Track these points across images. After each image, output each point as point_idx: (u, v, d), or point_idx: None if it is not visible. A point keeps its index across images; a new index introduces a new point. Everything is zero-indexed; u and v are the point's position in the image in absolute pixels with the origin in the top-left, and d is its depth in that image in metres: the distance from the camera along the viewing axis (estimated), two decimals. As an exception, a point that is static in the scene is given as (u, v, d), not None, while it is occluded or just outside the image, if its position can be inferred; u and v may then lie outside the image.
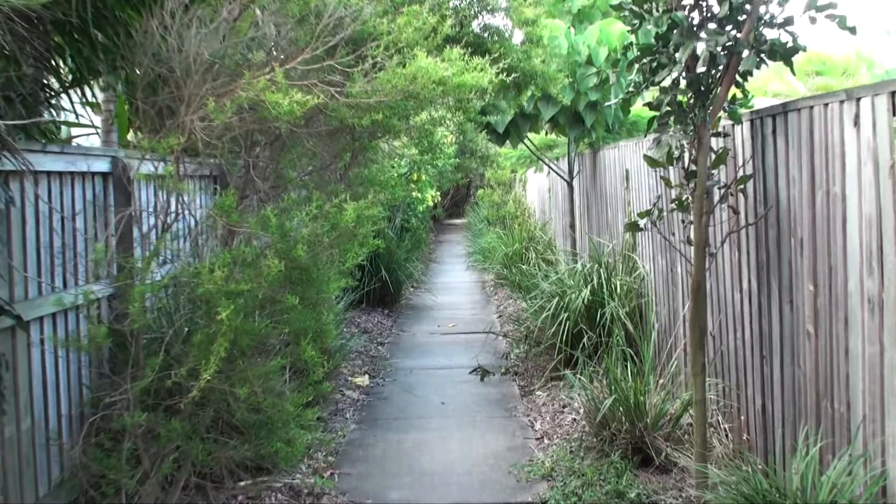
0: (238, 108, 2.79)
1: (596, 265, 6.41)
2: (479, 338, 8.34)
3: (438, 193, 18.91)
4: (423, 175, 12.30)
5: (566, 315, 6.09)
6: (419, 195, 13.03)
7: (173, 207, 3.10)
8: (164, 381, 2.78)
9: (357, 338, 8.18)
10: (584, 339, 6.00)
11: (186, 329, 2.99)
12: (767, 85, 18.78)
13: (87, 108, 4.78)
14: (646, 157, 3.76)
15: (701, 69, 3.43)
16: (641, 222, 3.74)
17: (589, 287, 6.15)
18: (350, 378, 6.89)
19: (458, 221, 24.79)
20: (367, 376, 7.00)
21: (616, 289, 6.08)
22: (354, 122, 2.98)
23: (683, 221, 3.90)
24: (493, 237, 13.52)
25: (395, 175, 9.51)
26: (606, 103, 7.12)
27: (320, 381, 3.05)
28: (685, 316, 4.96)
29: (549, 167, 8.68)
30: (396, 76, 2.95)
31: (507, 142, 8.43)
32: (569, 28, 7.79)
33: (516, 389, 6.46)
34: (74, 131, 5.58)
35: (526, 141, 8.51)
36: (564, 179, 8.84)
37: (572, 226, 8.93)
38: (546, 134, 8.58)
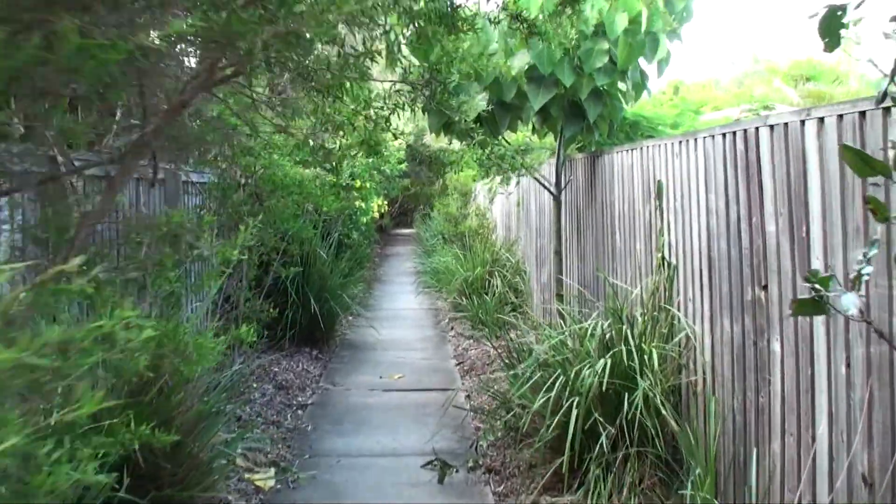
0: None
1: (616, 322, 4.34)
2: (434, 399, 6.20)
3: (385, 202, 16.77)
4: (367, 182, 10.14)
5: (576, 400, 3.99)
6: (363, 205, 10.85)
7: None
8: None
9: (266, 405, 5.94)
10: (603, 438, 3.91)
11: None
12: (752, 90, 17.20)
13: None
14: (849, 151, 1.69)
15: None
16: (846, 303, 1.63)
17: (609, 356, 4.08)
18: (247, 475, 4.66)
19: (406, 231, 22.60)
20: (272, 470, 4.77)
21: (651, 361, 4.02)
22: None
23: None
24: (448, 258, 11.38)
25: (330, 182, 7.33)
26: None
27: None
28: (800, 437, 2.89)
29: (532, 176, 6.64)
30: None
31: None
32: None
33: (492, 502, 4.33)
34: None
35: (502, 140, 6.42)
36: (549, 191, 6.79)
37: (558, 251, 6.87)
38: (534, 130, 6.50)
